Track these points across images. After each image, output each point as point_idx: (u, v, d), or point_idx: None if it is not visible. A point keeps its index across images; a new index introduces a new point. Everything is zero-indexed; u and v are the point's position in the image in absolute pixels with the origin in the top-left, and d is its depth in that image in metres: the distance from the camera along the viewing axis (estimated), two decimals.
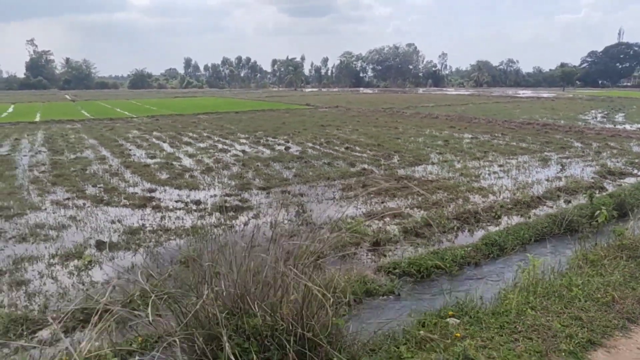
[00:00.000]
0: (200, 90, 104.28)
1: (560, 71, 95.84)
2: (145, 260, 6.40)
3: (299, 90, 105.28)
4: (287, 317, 2.94)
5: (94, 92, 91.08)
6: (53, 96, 67.44)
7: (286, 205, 8.90)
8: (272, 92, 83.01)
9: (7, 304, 5.16)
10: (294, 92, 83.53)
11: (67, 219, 8.18)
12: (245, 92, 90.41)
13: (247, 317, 2.90)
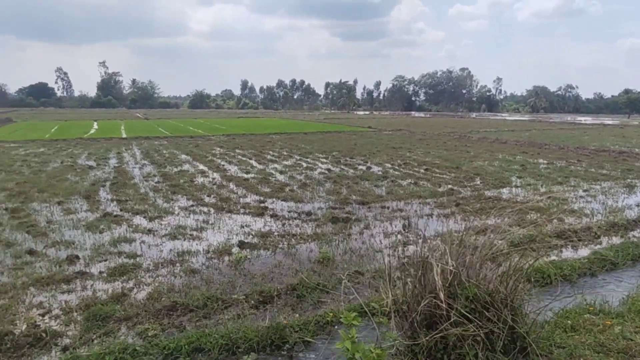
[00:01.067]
0: (257, 111, 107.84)
1: (625, 98, 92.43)
2: (286, 259, 7.42)
3: (351, 112, 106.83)
4: (494, 290, 3.78)
5: (159, 111, 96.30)
6: (126, 114, 72.08)
7: (391, 219, 9.78)
8: (327, 115, 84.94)
9: (193, 285, 6.28)
10: (348, 115, 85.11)
11: (202, 223, 9.40)
12: (301, 113, 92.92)
13: (461, 289, 3.75)
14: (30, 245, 7.93)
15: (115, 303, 5.66)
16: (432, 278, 3.72)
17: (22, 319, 5.23)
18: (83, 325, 5.14)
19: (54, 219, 9.63)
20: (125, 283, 6.39)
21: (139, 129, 37.27)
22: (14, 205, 10.83)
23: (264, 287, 6.09)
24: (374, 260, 7.33)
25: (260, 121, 52.50)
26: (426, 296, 3.59)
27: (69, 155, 20.18)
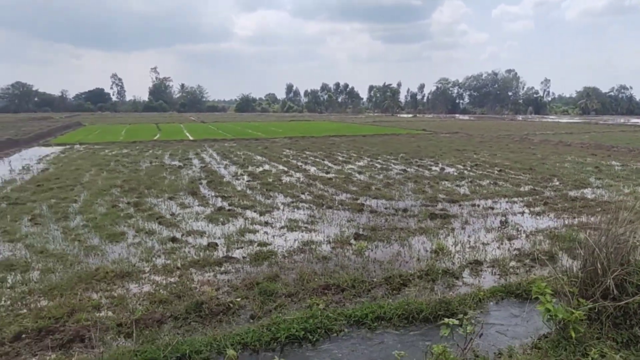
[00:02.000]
0: (304, 114, 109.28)
1: None
2: (402, 249, 8.13)
3: (395, 115, 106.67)
4: None
5: (210, 115, 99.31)
6: (180, 117, 74.89)
7: (485, 216, 10.33)
8: (373, 117, 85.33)
9: (331, 270, 7.08)
10: (393, 118, 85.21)
11: (310, 217, 10.25)
12: (347, 116, 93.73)
13: None
14: (169, 234, 8.98)
15: (273, 282, 6.52)
16: (604, 257, 4.34)
17: (201, 293, 6.16)
18: (257, 298, 6.02)
19: (175, 212, 10.74)
20: (271, 267, 7.26)
21: (201, 131, 39.03)
22: (133, 200, 12.05)
23: (400, 271, 6.83)
24: (483, 252, 7.93)
25: (313, 124, 53.63)
26: (611, 271, 4.18)
27: (153, 156, 21.67)
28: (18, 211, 10.89)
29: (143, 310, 5.61)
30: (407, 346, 4.54)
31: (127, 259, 7.60)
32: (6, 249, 8.18)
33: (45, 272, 7.00)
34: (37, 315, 5.47)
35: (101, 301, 5.93)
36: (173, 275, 6.93)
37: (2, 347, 4.77)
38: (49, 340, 4.97)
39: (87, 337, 5.00)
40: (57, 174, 16.33)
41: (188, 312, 5.53)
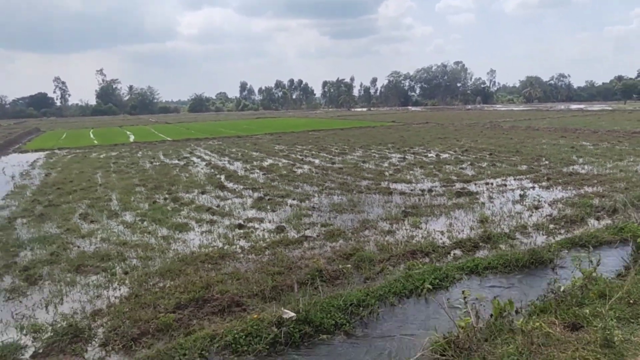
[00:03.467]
0: (264, 112, 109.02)
1: (621, 84, 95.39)
2: (450, 220, 9.20)
3: (351, 110, 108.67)
4: None
5: (166, 116, 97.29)
6: (138, 120, 73.14)
7: (503, 192, 11.61)
8: (332, 113, 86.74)
9: (404, 240, 8.04)
10: (351, 112, 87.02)
11: (348, 201, 11.13)
12: (307, 112, 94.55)
13: None
14: (231, 222, 9.62)
15: (355, 254, 7.38)
16: None
17: (313, 263, 6.93)
18: (361, 265, 6.89)
19: (218, 204, 11.32)
20: (346, 242, 8.12)
21: (174, 132, 38.80)
22: (166, 196, 12.48)
23: (462, 238, 7.90)
24: (521, 219, 9.13)
25: (280, 121, 54.20)
26: None
27: (148, 157, 21.76)
28: (61, 212, 11.13)
29: (268, 281, 6.34)
30: (514, 285, 5.60)
31: (210, 244, 8.23)
32: (87, 243, 8.59)
33: (144, 259, 7.54)
34: (178, 290, 6.10)
35: (223, 277, 6.59)
36: (266, 253, 7.65)
37: (171, 314, 5.41)
38: (208, 307, 5.65)
39: (240, 302, 5.72)
40: (66, 177, 16.32)
41: (312, 278, 6.33)
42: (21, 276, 7.03)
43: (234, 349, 4.38)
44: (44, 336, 5.16)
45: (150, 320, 5.30)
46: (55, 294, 6.32)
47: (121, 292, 6.31)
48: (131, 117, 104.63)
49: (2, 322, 5.62)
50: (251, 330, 4.52)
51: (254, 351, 4.36)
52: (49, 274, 7.10)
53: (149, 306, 5.70)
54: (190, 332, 5.08)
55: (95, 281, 6.75)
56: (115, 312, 5.57)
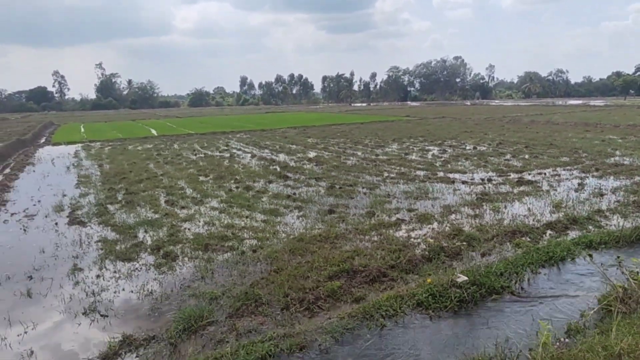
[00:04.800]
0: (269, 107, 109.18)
1: (621, 80, 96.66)
2: (527, 206, 9.91)
3: (351, 105, 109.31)
4: None
5: (174, 110, 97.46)
6: (145, 114, 73.35)
7: (560, 181, 12.34)
8: (337, 108, 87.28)
9: (494, 222, 8.74)
10: (357, 107, 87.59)
11: (422, 190, 11.80)
12: (311, 107, 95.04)
13: None
14: (317, 207, 10.26)
15: (460, 234, 8.07)
16: None
17: (422, 243, 7.61)
18: (471, 242, 7.58)
19: (294, 192, 11.94)
20: (441, 224, 8.81)
21: (193, 126, 39.26)
22: (235, 185, 13.09)
23: (551, 219, 8.62)
24: (593, 205, 9.84)
25: (294, 115, 54.77)
26: None
27: (187, 149, 22.31)
28: (145, 199, 11.72)
29: (393, 258, 7.01)
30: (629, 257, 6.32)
31: (313, 227, 8.87)
32: (194, 226, 9.22)
33: (260, 240, 8.18)
34: (321, 264, 6.75)
35: (350, 254, 7.24)
36: (372, 234, 8.32)
37: (336, 282, 6.07)
38: (359, 277, 6.32)
39: (386, 273, 6.40)
40: (122, 168, 16.88)
41: (437, 253, 7.02)
42: (158, 254, 7.66)
43: (426, 306, 5.07)
44: (223, 302, 5.81)
45: (316, 288, 5.96)
46: (203, 269, 6.95)
47: (263, 267, 6.96)
48: (134, 111, 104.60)
49: (173, 291, 6.26)
50: (433, 292, 5.20)
51: (445, 308, 5.04)
52: (182, 252, 7.73)
53: (304, 277, 6.35)
54: (358, 298, 5.76)
55: (230, 258, 7.38)
56: (278, 282, 6.21)
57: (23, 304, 6.09)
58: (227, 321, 5.35)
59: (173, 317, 5.45)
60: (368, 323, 4.84)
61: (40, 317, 5.68)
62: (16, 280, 6.93)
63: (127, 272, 6.99)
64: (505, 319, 4.86)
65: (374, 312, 5.02)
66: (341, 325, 4.80)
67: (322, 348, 4.47)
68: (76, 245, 8.37)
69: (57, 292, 6.41)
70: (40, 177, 16.10)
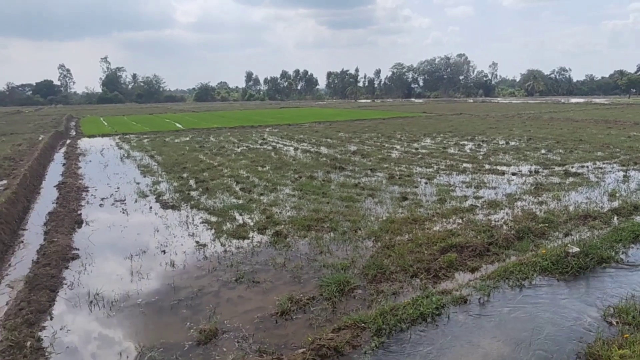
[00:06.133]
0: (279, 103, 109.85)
1: (626, 79, 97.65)
2: (583, 195, 10.78)
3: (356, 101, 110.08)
4: None
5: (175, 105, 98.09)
6: (157, 108, 73.99)
7: (603, 173, 13.21)
8: (346, 104, 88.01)
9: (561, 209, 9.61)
10: (371, 103, 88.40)
11: (475, 180, 12.66)
12: (319, 103, 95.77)
13: None
14: (390, 195, 11.12)
15: (535, 218, 8.93)
16: None
17: (501, 226, 8.47)
18: (549, 224, 8.45)
19: (358, 182, 12.77)
20: (511, 209, 9.67)
21: (216, 120, 40.05)
22: (299, 175, 13.92)
23: (613, 206, 9.49)
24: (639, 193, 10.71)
25: (311, 110, 55.67)
26: None
27: (225, 142, 23.12)
28: (218, 187, 12.53)
29: (487, 237, 7.87)
30: None
31: (395, 211, 9.71)
32: (281, 210, 10.05)
33: (353, 222, 9.02)
34: (428, 242, 7.62)
35: (445, 233, 8.10)
36: (453, 218, 9.18)
37: (452, 254, 6.93)
38: (467, 252, 7.19)
39: (488, 249, 7.28)
40: (176, 159, 17.68)
41: (525, 233, 7.89)
42: (268, 233, 8.53)
43: (550, 271, 5.96)
44: (355, 272, 6.68)
45: (434, 260, 6.84)
46: (318, 245, 7.80)
47: (371, 244, 7.82)
48: (142, 105, 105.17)
49: (302, 263, 7.12)
50: (553, 260, 6.08)
51: (566, 273, 5.94)
52: (289, 232, 8.57)
53: (415, 252, 7.22)
54: (473, 269, 6.64)
55: (336, 237, 8.23)
56: (395, 256, 7.07)
57: (173, 273, 6.93)
58: (369, 286, 6.22)
59: (320, 282, 6.30)
60: (508, 283, 5.75)
61: (195, 283, 6.51)
62: (152, 253, 7.78)
63: (249, 248, 7.84)
64: (617, 281, 5.77)
65: (508, 275, 5.90)
66: (486, 285, 5.68)
67: (481, 302, 5.35)
68: (184, 226, 9.23)
69: (196, 263, 7.26)
70: (100, 166, 16.93)
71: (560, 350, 4.31)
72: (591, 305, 5.20)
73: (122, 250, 7.95)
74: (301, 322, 5.38)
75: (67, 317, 5.63)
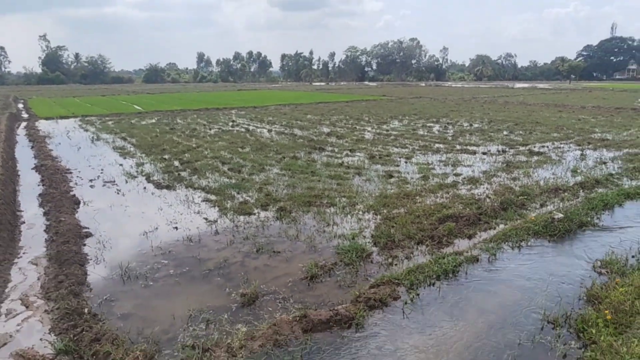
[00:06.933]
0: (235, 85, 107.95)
1: (567, 65, 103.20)
2: (550, 171, 11.87)
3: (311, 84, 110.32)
4: None
5: (130, 86, 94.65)
6: (106, 90, 71.20)
7: (564, 152, 14.47)
8: (299, 86, 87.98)
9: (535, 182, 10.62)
10: (327, 86, 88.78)
11: (450, 159, 13.55)
12: (275, 86, 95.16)
13: None
14: (375, 174, 11.78)
15: (512, 191, 9.87)
16: None
17: (486, 199, 9.34)
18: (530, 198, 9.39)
19: (342, 161, 13.35)
20: (489, 184, 10.57)
21: (177, 102, 39.32)
22: (281, 155, 14.34)
23: (577, 180, 10.59)
24: (604, 170, 11.93)
25: (269, 93, 55.42)
26: None
27: (195, 124, 23.01)
28: (206, 167, 12.75)
29: (475, 208, 8.69)
30: None
31: (385, 187, 10.38)
32: (275, 189, 10.49)
33: (348, 198, 9.62)
34: (425, 213, 8.33)
35: (437, 206, 8.85)
36: (442, 192, 9.95)
37: (450, 224, 7.67)
38: (462, 221, 7.95)
39: (479, 218, 8.08)
40: (149, 141, 17.57)
41: (508, 205, 8.77)
42: (272, 209, 8.97)
43: (541, 234, 6.81)
44: (365, 240, 7.28)
45: (435, 229, 7.55)
46: (323, 219, 8.34)
47: (371, 217, 8.45)
48: (88, 86, 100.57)
49: (313, 234, 7.64)
50: (542, 225, 6.93)
51: (555, 235, 6.81)
52: (292, 207, 9.04)
53: (415, 223, 7.90)
54: (470, 235, 7.41)
55: (337, 211, 8.80)
56: (398, 226, 7.72)
57: (192, 246, 7.27)
58: (383, 252, 6.84)
59: (337, 250, 6.86)
60: (508, 244, 6.58)
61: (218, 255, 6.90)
62: (165, 229, 8.05)
63: (258, 223, 8.25)
64: (596, 241, 6.73)
65: (507, 238, 6.71)
66: (490, 247, 6.44)
67: (490, 260, 6.11)
68: (186, 204, 9.50)
69: (211, 238, 7.62)
70: (73, 148, 16.61)
71: (566, 294, 5.14)
72: (581, 260, 6.08)
73: (133, 227, 8.18)
74: (330, 284, 5.93)
75: (106, 288, 5.90)
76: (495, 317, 4.82)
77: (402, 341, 4.43)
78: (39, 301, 5.52)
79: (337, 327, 4.65)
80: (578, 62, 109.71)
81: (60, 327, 4.82)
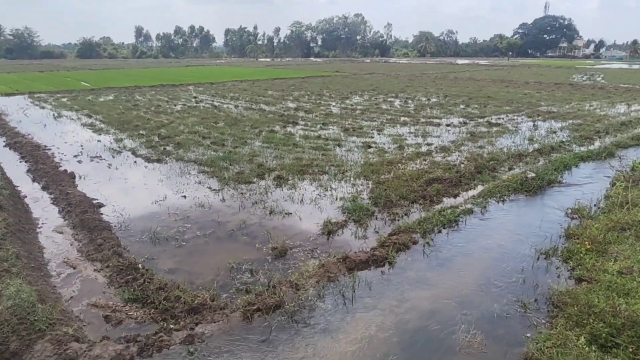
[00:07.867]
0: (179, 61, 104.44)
1: (505, 42, 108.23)
2: (508, 140, 13.18)
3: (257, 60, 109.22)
4: None
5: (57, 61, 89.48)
6: (43, 66, 67.14)
7: (518, 123, 15.91)
8: (246, 62, 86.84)
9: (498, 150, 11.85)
10: (272, 62, 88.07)
11: (418, 131, 14.59)
12: (219, 62, 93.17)
13: None
14: (354, 145, 12.60)
15: (482, 158, 11.02)
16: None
17: (460, 164, 10.42)
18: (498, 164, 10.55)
19: (319, 134, 14.05)
20: (460, 153, 11.68)
21: (126, 79, 38.14)
22: (257, 129, 14.82)
23: (534, 148, 11.92)
24: (555, 138, 13.38)
25: (220, 69, 54.58)
26: None
27: (158, 101, 22.78)
28: (188, 142, 13.07)
29: (454, 172, 9.73)
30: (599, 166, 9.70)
31: (367, 157, 11.23)
32: (265, 159, 11.07)
33: (337, 167, 10.39)
34: (411, 178, 9.25)
35: (421, 171, 9.81)
36: (418, 160, 10.93)
37: (437, 186, 8.62)
38: (446, 183, 8.95)
39: (461, 181, 9.12)
40: (117, 117, 17.44)
41: (482, 168, 9.87)
42: (269, 178, 9.58)
43: (519, 190, 7.92)
44: (364, 201, 8.10)
45: (425, 190, 8.49)
46: (320, 185, 9.07)
47: (363, 182, 9.27)
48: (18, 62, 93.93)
49: (316, 199, 8.37)
50: (517, 182, 8.04)
51: (529, 191, 7.94)
52: (287, 175, 9.69)
53: (405, 186, 8.80)
54: (455, 195, 8.41)
55: (331, 178, 9.55)
56: (390, 189, 8.59)
57: (207, 212, 7.79)
58: (385, 210, 7.69)
59: (343, 210, 7.64)
60: (493, 199, 7.64)
61: (235, 218, 7.48)
62: (174, 198, 8.48)
63: (261, 190, 8.86)
64: (564, 194, 7.94)
65: (492, 195, 7.76)
66: (479, 202, 7.46)
67: (482, 212, 7.12)
68: (184, 176, 9.90)
69: (221, 204, 8.16)
70: (38, 125, 16.22)
71: (551, 232, 6.28)
72: (554, 209, 7.25)
73: (142, 197, 8.54)
74: (346, 237, 6.72)
75: (141, 249, 6.36)
76: (497, 252, 5.87)
77: (430, 272, 5.38)
78: (84, 263, 5.92)
79: (374, 266, 5.48)
80: (515, 39, 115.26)
81: (118, 281, 5.30)
